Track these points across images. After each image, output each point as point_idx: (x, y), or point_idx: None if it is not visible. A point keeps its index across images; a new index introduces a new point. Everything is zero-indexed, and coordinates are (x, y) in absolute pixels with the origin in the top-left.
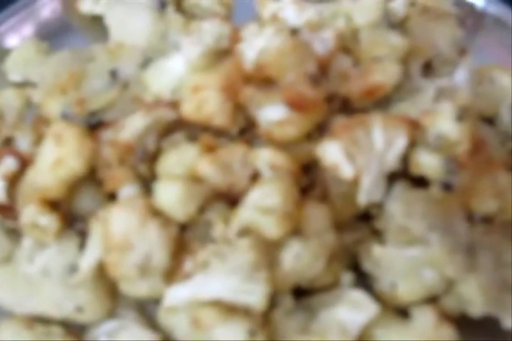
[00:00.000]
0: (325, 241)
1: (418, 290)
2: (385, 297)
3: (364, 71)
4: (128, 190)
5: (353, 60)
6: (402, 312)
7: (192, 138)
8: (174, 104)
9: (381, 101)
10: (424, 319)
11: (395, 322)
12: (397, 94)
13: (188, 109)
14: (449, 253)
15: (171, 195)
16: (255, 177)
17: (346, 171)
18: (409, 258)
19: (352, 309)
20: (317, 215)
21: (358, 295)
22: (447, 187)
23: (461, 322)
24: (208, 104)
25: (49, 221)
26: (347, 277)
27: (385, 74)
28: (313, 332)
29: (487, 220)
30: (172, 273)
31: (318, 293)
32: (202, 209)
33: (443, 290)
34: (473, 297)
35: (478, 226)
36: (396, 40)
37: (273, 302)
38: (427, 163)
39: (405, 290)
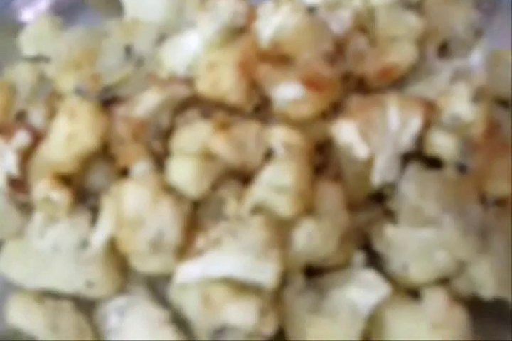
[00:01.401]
0: (338, 220)
1: (430, 272)
2: (397, 278)
3: (380, 51)
4: (141, 167)
5: (369, 40)
6: (413, 294)
7: (206, 115)
8: (189, 81)
9: (397, 81)
10: (436, 301)
11: (406, 304)
12: (413, 75)
13: (203, 86)
14: (462, 235)
15: (184, 172)
16: (269, 155)
17: (360, 151)
18: (422, 240)
19: (363, 289)
20: (330, 195)
21: (370, 276)
22: (462, 168)
23: (472, 304)
24: (223, 81)
25: (61, 196)
26: (359, 257)
27: (401, 55)
28: (323, 312)
29: (500, 203)
30: (184, 250)
31: (330, 273)
32: (215, 187)
33: (455, 272)
34: (485, 279)
35: (491, 209)
36: (412, 21)
37: (284, 281)
38: (442, 144)
39: (417, 272)
